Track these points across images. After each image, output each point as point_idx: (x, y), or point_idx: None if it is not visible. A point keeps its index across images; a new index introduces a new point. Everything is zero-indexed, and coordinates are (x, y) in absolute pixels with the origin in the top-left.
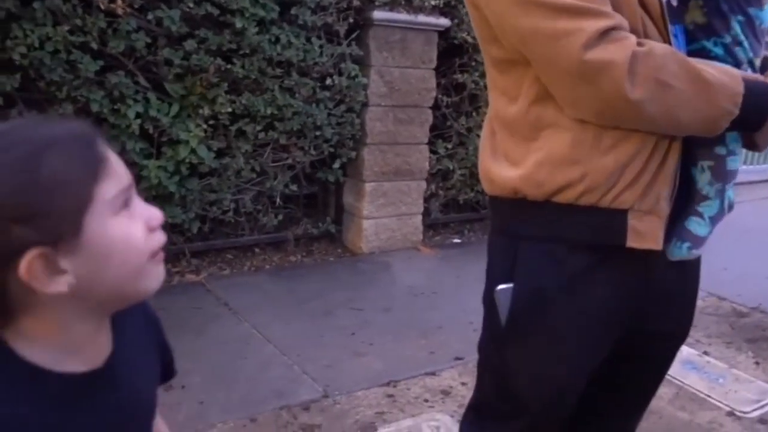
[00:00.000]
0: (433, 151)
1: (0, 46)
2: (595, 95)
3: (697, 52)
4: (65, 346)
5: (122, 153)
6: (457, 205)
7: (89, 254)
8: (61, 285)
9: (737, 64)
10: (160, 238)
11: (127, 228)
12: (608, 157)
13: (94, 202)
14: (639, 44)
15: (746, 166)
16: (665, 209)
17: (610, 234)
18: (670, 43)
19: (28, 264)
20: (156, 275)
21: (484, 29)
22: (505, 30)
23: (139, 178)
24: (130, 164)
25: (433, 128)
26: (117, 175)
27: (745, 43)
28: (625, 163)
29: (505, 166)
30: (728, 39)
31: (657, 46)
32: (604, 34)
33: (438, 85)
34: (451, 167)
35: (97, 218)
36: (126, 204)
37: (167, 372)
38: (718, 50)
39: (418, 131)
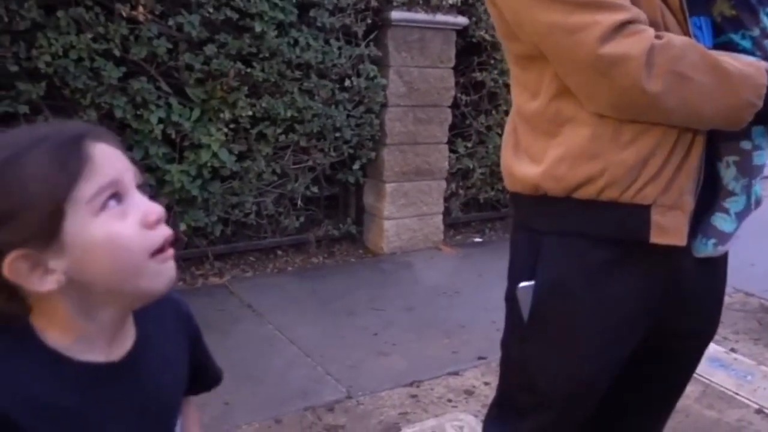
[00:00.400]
0: (452, 150)
1: (26, 55)
2: (611, 88)
3: (724, 45)
4: (83, 336)
5: (145, 158)
6: (477, 204)
7: (74, 254)
8: (50, 284)
9: (766, 58)
10: (160, 234)
11: (111, 227)
12: (628, 151)
13: (72, 203)
14: (657, 37)
15: None
16: (690, 204)
17: (633, 229)
18: (690, 36)
19: (9, 265)
20: (161, 274)
21: (503, 25)
22: (523, 25)
23: (162, 183)
24: (153, 169)
25: (452, 127)
26: (100, 172)
27: None
28: (645, 157)
29: (525, 162)
30: (757, 32)
31: (675, 38)
32: (621, 27)
33: (457, 83)
34: (471, 166)
35: (76, 219)
36: (117, 200)
37: (206, 379)
38: (746, 43)
39: (437, 130)
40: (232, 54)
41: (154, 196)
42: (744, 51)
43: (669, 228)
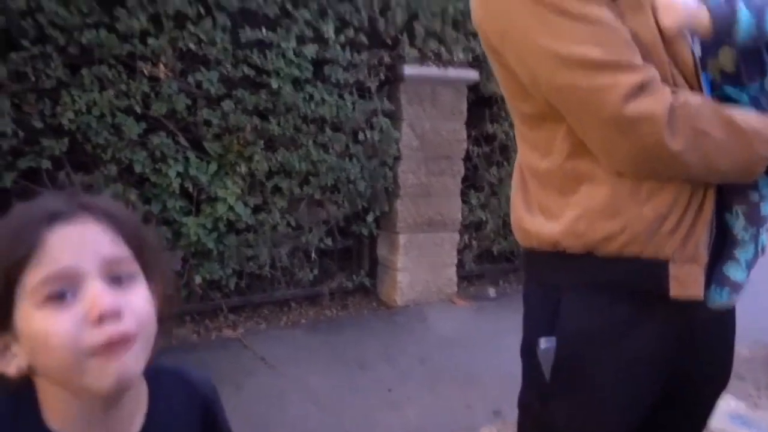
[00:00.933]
0: (465, 202)
1: (50, 112)
2: (634, 147)
3: (721, 98)
4: (77, 421)
5: (163, 211)
6: (491, 256)
7: (24, 342)
8: (11, 367)
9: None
10: (104, 332)
11: (47, 322)
12: (647, 208)
13: (20, 290)
14: (673, 94)
15: None
16: (705, 256)
17: (652, 284)
18: (701, 91)
19: None
20: (105, 373)
21: (513, 85)
22: (540, 85)
23: (178, 235)
24: (170, 222)
25: (465, 179)
26: (50, 261)
27: (741, 41)
28: (664, 213)
29: (541, 220)
30: (755, 88)
31: (691, 96)
32: (642, 87)
33: (469, 136)
34: (484, 218)
35: (21, 307)
36: (69, 291)
37: None
38: (743, 98)
39: (450, 182)
40: (249, 109)
41: (170, 249)
42: (739, 104)
43: (687, 281)
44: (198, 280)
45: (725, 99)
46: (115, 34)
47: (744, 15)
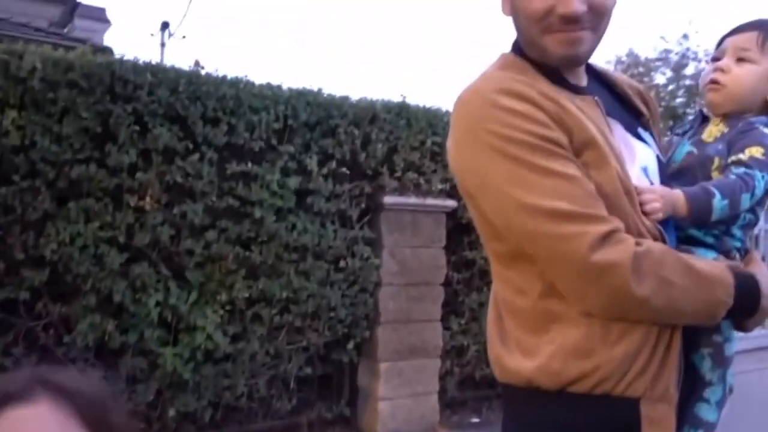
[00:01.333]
0: (446, 328)
1: (33, 244)
2: (602, 293)
3: (686, 239)
4: None
5: (140, 341)
6: (473, 382)
7: None
8: None
9: (726, 251)
10: None
11: None
12: (618, 348)
13: None
14: (637, 243)
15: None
16: (674, 396)
17: (625, 423)
18: (664, 239)
19: None
20: None
21: (486, 227)
22: (511, 231)
23: (154, 366)
24: (147, 352)
25: (445, 304)
26: None
27: (738, 234)
28: (634, 352)
29: (517, 356)
30: (722, 229)
31: (653, 245)
32: (607, 237)
33: (448, 262)
34: (466, 343)
35: None
36: None
37: None
38: (708, 239)
39: (430, 308)
40: (232, 238)
41: (145, 381)
42: (704, 244)
43: (659, 420)
44: (172, 412)
45: (690, 239)
46: (104, 169)
47: (718, 202)
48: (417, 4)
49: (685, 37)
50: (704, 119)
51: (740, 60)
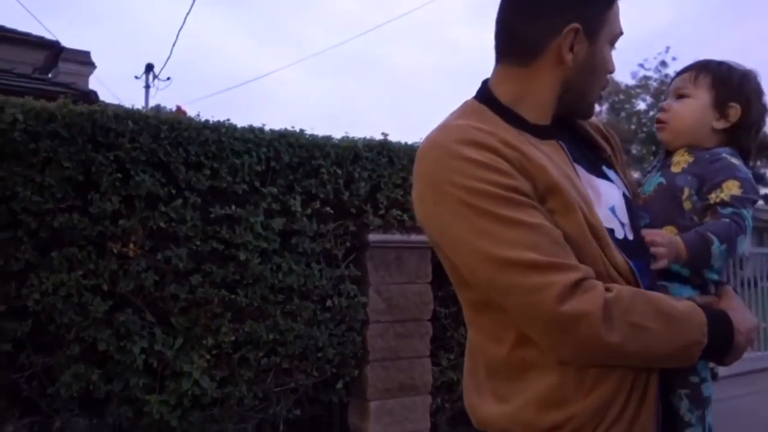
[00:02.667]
0: (436, 363)
1: (15, 294)
2: (573, 343)
3: (663, 271)
4: None
5: (125, 389)
6: (464, 418)
7: None
8: None
9: (704, 284)
10: None
11: None
12: (592, 397)
13: None
14: (607, 290)
15: (754, 353)
16: None
17: None
18: (635, 277)
19: None
20: None
21: (456, 276)
22: (479, 282)
23: (140, 414)
24: (133, 400)
25: (433, 340)
26: None
27: (716, 265)
28: (608, 400)
29: (491, 404)
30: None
31: (623, 290)
32: (575, 286)
33: (435, 297)
34: (456, 378)
35: None
36: None
37: None
38: (685, 271)
39: (419, 344)
40: (217, 282)
41: (130, 430)
42: (682, 277)
43: None
44: None
45: (668, 272)
46: (87, 217)
47: (716, 248)
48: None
49: (664, 64)
50: (668, 153)
51: (679, 97)
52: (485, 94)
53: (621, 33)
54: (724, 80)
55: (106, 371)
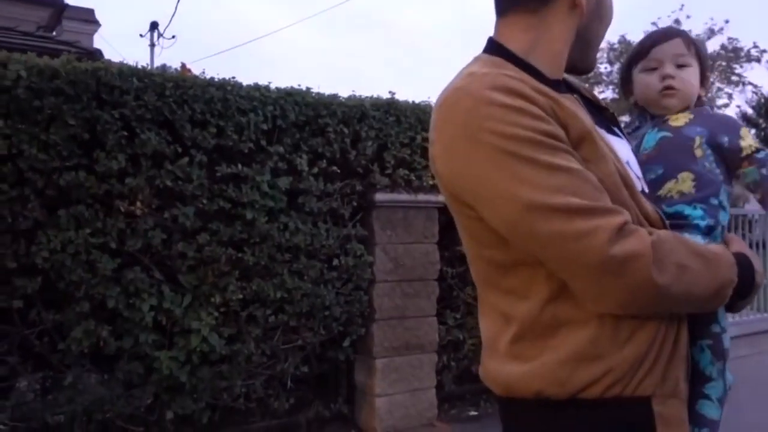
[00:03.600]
0: (442, 323)
1: (24, 252)
2: (624, 287)
3: (674, 214)
4: None
5: (135, 346)
6: (470, 376)
7: None
8: None
9: (713, 226)
10: None
11: None
12: (628, 349)
13: None
14: (649, 233)
15: (757, 315)
16: (685, 390)
17: (637, 423)
18: (665, 225)
19: None
20: None
21: (485, 235)
22: (518, 234)
23: (150, 370)
24: (143, 357)
25: (440, 300)
26: None
27: (725, 203)
28: (644, 351)
29: (516, 365)
30: (714, 202)
31: (662, 233)
32: (622, 229)
33: (442, 257)
34: (462, 337)
35: None
36: None
37: None
38: (697, 212)
39: (425, 304)
40: (224, 241)
41: (141, 385)
42: (692, 218)
43: (672, 417)
44: (169, 415)
45: (679, 215)
46: (93, 175)
47: None
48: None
49: (677, 22)
50: (653, 116)
51: (680, 66)
52: (497, 49)
53: None
54: (703, 52)
55: (115, 328)
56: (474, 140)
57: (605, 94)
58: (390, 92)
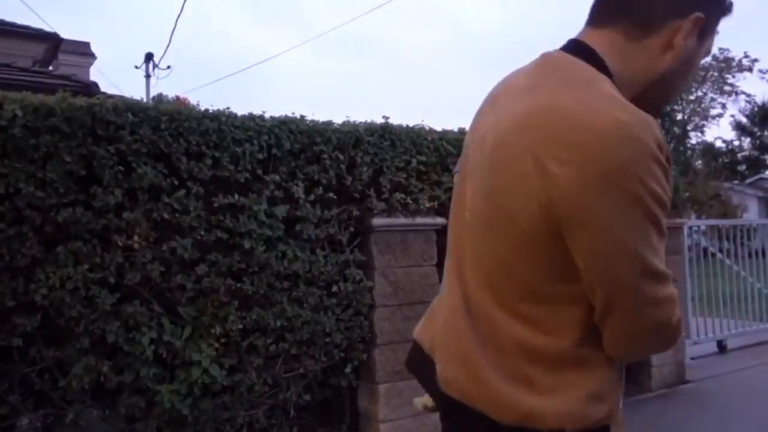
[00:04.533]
0: None
1: (23, 289)
2: (658, 346)
3: None
4: None
5: (136, 380)
6: None
7: None
8: None
9: None
10: None
11: None
12: (618, 387)
13: None
14: None
15: (763, 325)
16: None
17: None
18: None
19: None
20: None
21: (552, 264)
22: (606, 279)
23: (152, 404)
24: (144, 390)
25: None
26: None
27: None
28: (622, 387)
29: (537, 397)
30: None
31: None
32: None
33: (441, 279)
34: None
35: None
36: None
37: None
38: None
39: None
40: (223, 271)
41: (143, 419)
42: None
43: None
44: None
45: None
46: (90, 211)
47: None
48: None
49: None
50: None
51: None
52: (599, 64)
53: (710, 51)
54: None
55: (116, 363)
56: (621, 182)
57: None
58: (384, 117)
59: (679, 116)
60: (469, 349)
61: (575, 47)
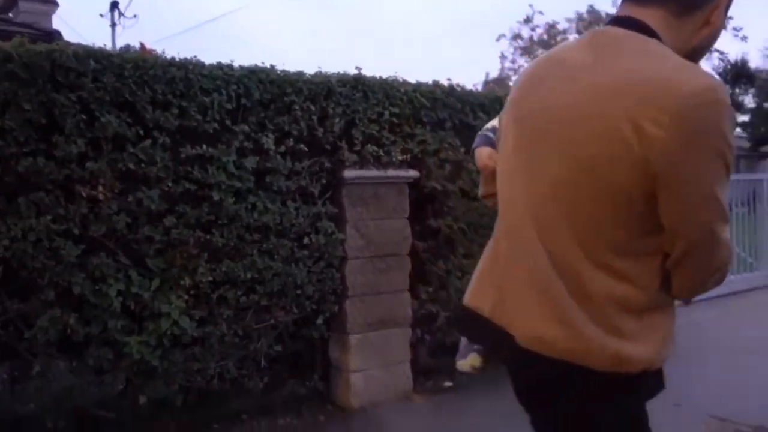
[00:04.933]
0: (415, 297)
1: None
2: (717, 283)
3: None
4: None
5: (104, 332)
6: (444, 348)
7: None
8: None
9: None
10: None
11: None
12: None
13: None
14: None
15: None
16: None
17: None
18: None
19: None
20: None
21: (642, 220)
22: (692, 225)
23: (120, 356)
24: (112, 342)
25: (412, 274)
26: None
27: None
28: None
29: (628, 344)
30: None
31: None
32: None
33: (413, 231)
34: (435, 310)
35: None
36: None
37: None
38: None
39: (398, 279)
40: (192, 223)
41: (112, 370)
42: None
43: None
44: (143, 400)
45: None
46: (52, 161)
47: None
48: None
49: None
50: None
51: None
52: (657, 38)
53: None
54: None
55: (82, 315)
56: (712, 143)
57: None
58: (357, 68)
59: None
60: (564, 306)
61: (632, 23)
